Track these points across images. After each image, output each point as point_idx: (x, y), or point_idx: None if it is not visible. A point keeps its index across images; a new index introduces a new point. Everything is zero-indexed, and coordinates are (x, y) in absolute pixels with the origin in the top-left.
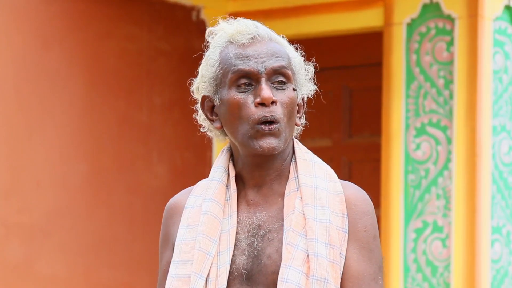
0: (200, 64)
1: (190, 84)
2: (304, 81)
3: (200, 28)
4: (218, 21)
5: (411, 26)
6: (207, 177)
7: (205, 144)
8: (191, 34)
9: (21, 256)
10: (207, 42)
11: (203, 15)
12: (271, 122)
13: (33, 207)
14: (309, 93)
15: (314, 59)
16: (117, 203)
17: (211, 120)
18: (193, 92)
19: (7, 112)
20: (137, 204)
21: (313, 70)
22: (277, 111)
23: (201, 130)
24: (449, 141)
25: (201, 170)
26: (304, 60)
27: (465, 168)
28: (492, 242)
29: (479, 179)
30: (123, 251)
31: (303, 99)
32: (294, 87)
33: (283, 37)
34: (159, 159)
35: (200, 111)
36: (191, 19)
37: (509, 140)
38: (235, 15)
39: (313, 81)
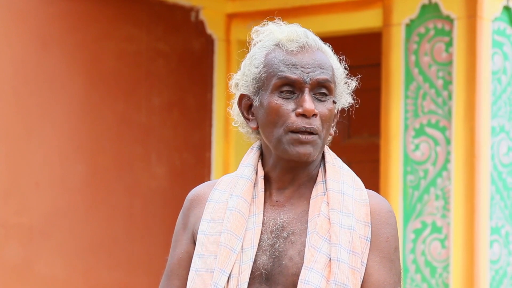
0: (243, 60)
1: (190, 84)
2: (343, 93)
3: (199, 28)
4: (267, 22)
5: (410, 26)
6: (206, 178)
7: (204, 145)
8: (190, 35)
9: (20, 257)
10: (251, 39)
11: (202, 16)
12: (309, 133)
13: (32, 208)
14: (344, 105)
15: (359, 76)
16: (116, 204)
17: (247, 119)
18: (231, 86)
19: (6, 112)
20: (136, 205)
21: (354, 85)
22: (317, 123)
23: (233, 124)
24: (448, 141)
25: (200, 171)
26: (349, 75)
27: (464, 169)
28: (491, 242)
29: (478, 179)
30: (122, 252)
31: (337, 109)
32: (334, 99)
33: (329, 46)
34: (158, 160)
35: (235, 106)
36: (190, 20)
37: (508, 140)
38: (233, 16)
39: (351, 94)
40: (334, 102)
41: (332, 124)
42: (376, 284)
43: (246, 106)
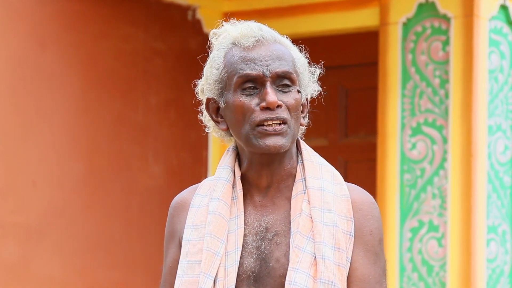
0: (204, 66)
1: (187, 84)
2: (308, 82)
3: (196, 27)
4: (222, 23)
5: (407, 25)
6: (203, 177)
7: (201, 144)
8: (187, 34)
9: (16, 256)
10: (211, 43)
11: (199, 15)
12: (278, 123)
13: (29, 207)
14: (312, 93)
15: (322, 62)
16: (113, 203)
17: (217, 122)
18: (197, 93)
19: (2, 112)
20: (133, 204)
21: (319, 71)
22: (283, 114)
23: (206, 130)
24: (445, 140)
25: (197, 170)
26: (309, 62)
27: (460, 168)
28: (487, 241)
29: (474, 178)
30: (119, 251)
31: (307, 99)
32: (298, 89)
33: (286, 37)
34: (155, 159)
35: (205, 112)
36: (187, 19)
37: (504, 139)
38: (230, 14)
39: (317, 82)
40: (299, 92)
41: (303, 115)
42: (361, 278)
43: (214, 109)
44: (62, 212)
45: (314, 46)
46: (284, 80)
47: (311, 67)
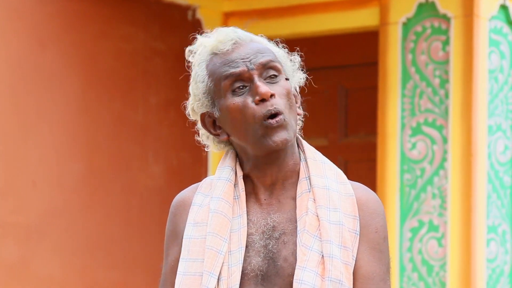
0: (189, 85)
1: (187, 84)
2: (293, 72)
3: (196, 27)
4: (197, 38)
5: (407, 25)
6: (203, 176)
7: (201, 144)
8: (187, 34)
9: (16, 256)
10: (189, 62)
11: (199, 15)
12: (275, 114)
13: (29, 207)
14: (300, 82)
15: (301, 54)
16: (113, 203)
17: (216, 135)
18: (189, 115)
19: (2, 112)
20: (133, 204)
21: (299, 59)
22: (278, 102)
23: (206, 149)
24: (445, 140)
25: (197, 170)
26: (288, 52)
27: (460, 168)
28: (487, 241)
29: (474, 178)
30: (119, 251)
31: (295, 89)
32: (286, 76)
33: (261, 36)
34: (155, 159)
35: (201, 131)
36: (187, 19)
37: (504, 139)
38: (230, 14)
39: (301, 69)
40: (287, 79)
41: (297, 104)
42: (366, 276)
43: (210, 122)
44: (62, 212)
45: (314, 46)
46: (270, 71)
47: (291, 56)
